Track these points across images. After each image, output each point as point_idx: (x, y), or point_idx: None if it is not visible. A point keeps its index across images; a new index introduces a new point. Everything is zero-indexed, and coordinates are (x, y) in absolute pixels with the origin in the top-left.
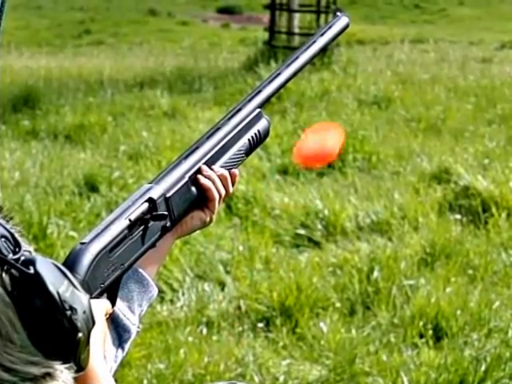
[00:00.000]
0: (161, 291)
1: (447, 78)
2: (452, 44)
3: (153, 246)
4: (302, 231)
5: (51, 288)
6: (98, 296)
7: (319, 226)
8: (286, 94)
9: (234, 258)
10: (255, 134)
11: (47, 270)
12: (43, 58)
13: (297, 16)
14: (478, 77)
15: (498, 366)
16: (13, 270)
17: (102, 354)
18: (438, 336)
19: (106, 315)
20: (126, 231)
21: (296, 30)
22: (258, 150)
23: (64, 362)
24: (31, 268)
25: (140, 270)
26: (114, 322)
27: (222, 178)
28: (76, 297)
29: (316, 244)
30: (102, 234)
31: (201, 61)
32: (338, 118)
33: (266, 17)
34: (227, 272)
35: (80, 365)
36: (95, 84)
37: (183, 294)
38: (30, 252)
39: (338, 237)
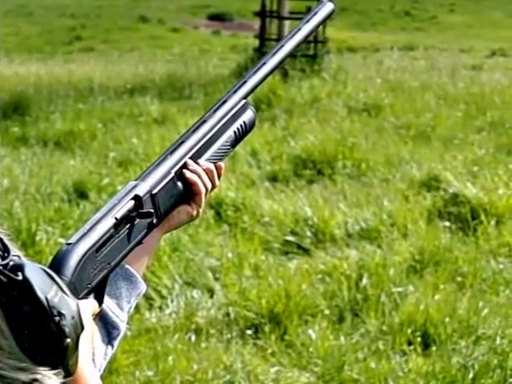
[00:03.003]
0: (149, 298)
1: (437, 85)
2: (442, 51)
3: (139, 243)
4: (291, 238)
5: (39, 294)
6: (85, 296)
7: (308, 233)
8: (276, 100)
9: (223, 264)
10: (241, 125)
11: (36, 275)
12: (33, 65)
13: (287, 23)
14: (467, 84)
15: (485, 374)
16: (1, 276)
17: (91, 358)
18: (427, 343)
19: (93, 315)
20: (112, 230)
21: None
22: (248, 156)
23: (52, 368)
24: (19, 274)
25: (127, 267)
26: (102, 319)
27: (207, 171)
28: (64, 302)
29: (305, 251)
30: (89, 234)
31: (191, 68)
32: (327, 125)
33: (256, 24)
34: (216, 279)
35: (68, 370)
36: (85, 91)
37: (172, 301)
38: (19, 257)
39: (327, 244)
